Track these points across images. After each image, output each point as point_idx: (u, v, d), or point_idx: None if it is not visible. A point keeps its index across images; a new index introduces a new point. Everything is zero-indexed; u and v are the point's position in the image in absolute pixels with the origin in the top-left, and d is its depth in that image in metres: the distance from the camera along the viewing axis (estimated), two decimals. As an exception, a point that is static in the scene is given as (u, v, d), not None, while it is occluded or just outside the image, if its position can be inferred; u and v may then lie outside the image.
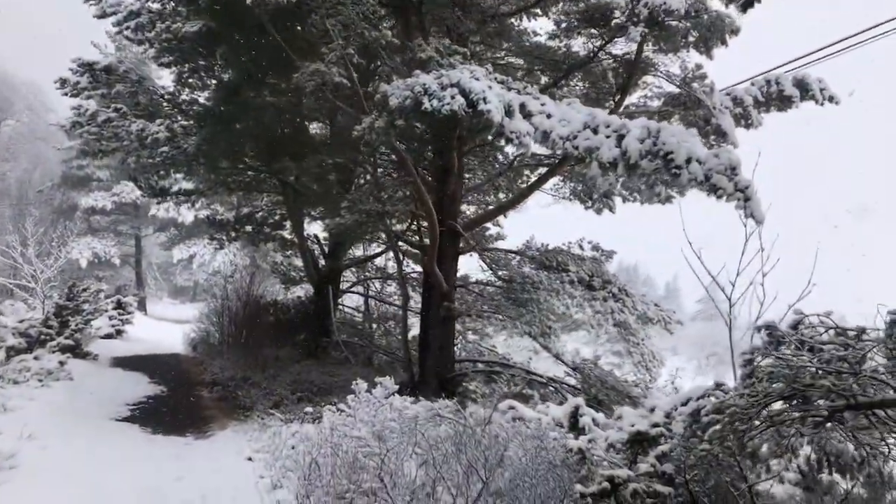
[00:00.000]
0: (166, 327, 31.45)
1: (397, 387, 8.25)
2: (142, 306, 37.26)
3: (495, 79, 11.04)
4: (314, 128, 20.59)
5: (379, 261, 23.36)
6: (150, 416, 12.63)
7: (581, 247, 14.57)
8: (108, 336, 23.93)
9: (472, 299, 16.45)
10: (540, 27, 16.16)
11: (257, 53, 13.88)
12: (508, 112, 10.42)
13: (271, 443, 9.39)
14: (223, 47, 14.77)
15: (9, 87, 44.13)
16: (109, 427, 11.35)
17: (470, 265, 16.96)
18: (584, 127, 10.79)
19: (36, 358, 16.05)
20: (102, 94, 17.57)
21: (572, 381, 14.89)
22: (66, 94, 17.54)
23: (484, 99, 10.03)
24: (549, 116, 11.07)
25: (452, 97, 10.00)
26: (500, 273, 14.27)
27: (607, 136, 10.57)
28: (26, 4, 69.14)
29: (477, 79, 10.44)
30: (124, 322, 25.75)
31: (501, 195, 19.52)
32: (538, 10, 14.86)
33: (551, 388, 14.98)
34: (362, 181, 19.66)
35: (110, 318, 25.17)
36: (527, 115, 10.95)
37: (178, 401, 14.38)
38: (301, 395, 13.75)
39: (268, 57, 13.54)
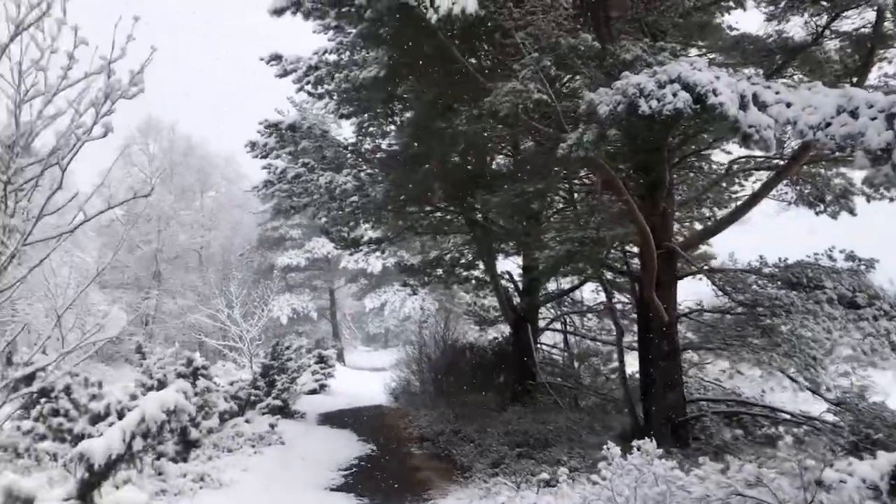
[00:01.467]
0: (364, 377, 31.57)
1: (660, 451, 6.70)
2: (340, 357, 37.98)
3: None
4: (498, 161, 19.66)
5: (577, 294, 21.80)
6: (364, 482, 11.83)
7: (831, 257, 12.23)
8: (313, 392, 24.04)
9: (696, 329, 14.49)
10: (735, 21, 14.23)
11: (441, 82, 13.05)
12: (743, 104, 8.71)
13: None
14: (404, 85, 14.17)
15: (208, 163, 47.44)
16: (325, 500, 10.60)
17: (685, 290, 15.03)
18: (839, 111, 8.81)
19: (247, 421, 15.96)
20: (290, 152, 17.72)
21: (830, 418, 12.48)
22: (255, 157, 17.88)
23: (713, 91, 8.42)
24: (788, 105, 9.22)
25: (674, 94, 8.48)
26: (738, 297, 12.22)
27: (872, 119, 8.55)
28: (207, 82, 75.24)
29: (699, 69, 8.84)
30: (327, 376, 25.88)
31: (706, 210, 17.49)
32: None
33: (805, 428, 12.63)
34: (552, 211, 18.43)
35: (313, 373, 25.37)
36: (761, 107, 9.18)
37: (390, 462, 13.56)
38: (520, 450, 12.44)
39: (452, 84, 12.65)
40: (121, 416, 11.83)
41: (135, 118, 43.94)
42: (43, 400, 11.95)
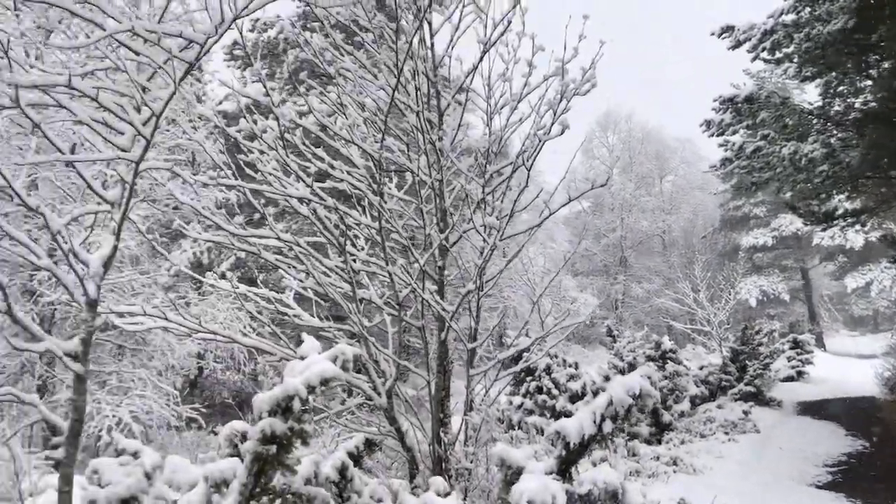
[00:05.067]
0: (849, 364, 28.28)
1: None
2: (818, 342, 34.71)
3: None
4: None
5: None
6: (856, 482, 10.56)
7: None
8: (788, 378, 22.39)
9: None
10: None
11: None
12: None
13: None
14: (880, 31, 12.31)
15: (665, 148, 47.68)
16: (806, 495, 9.74)
17: None
18: None
19: (719, 406, 15.55)
20: (747, 126, 16.79)
21: None
22: (711, 135, 17.36)
23: None
24: None
25: None
26: None
27: None
28: (659, 68, 74.94)
29: None
30: (804, 363, 23.87)
31: None
32: None
33: None
34: None
35: (788, 358, 23.64)
36: None
37: (890, 462, 11.87)
38: None
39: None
40: (595, 396, 12.53)
41: (595, 113, 46.27)
42: (528, 378, 13.29)
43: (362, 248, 7.90)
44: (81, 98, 4.81)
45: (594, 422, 4.50)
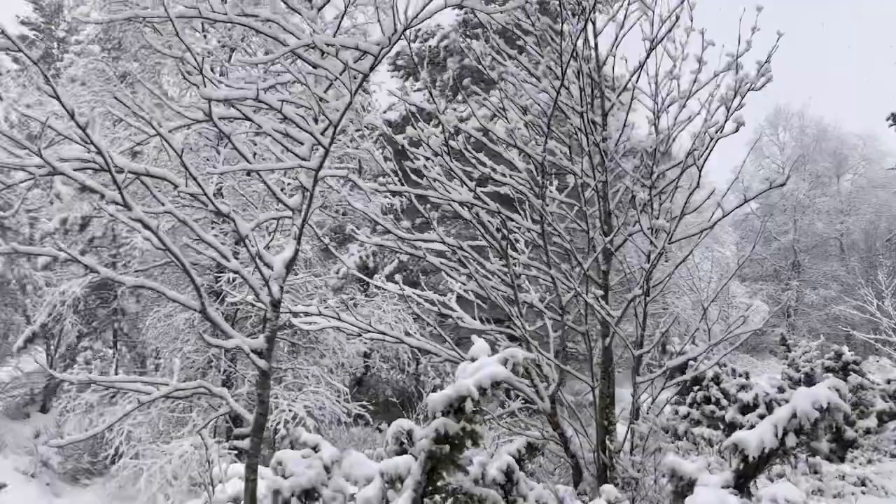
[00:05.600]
0: None
1: None
2: None
3: None
4: None
5: None
6: None
7: None
8: None
9: None
10: None
11: None
12: None
13: None
14: None
15: (844, 144, 44.21)
16: None
17: None
18: None
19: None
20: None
21: None
22: (901, 128, 15.92)
23: None
24: None
25: None
26: None
27: None
28: (835, 60, 69.62)
29: None
30: None
31: None
32: None
33: None
34: None
35: None
36: None
37: None
38: None
39: None
40: (769, 408, 11.80)
41: (763, 110, 43.73)
42: (695, 388, 12.73)
43: (523, 252, 7.89)
44: (264, 111, 5.15)
45: (776, 435, 4.23)
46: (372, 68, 4.21)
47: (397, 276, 7.78)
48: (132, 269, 13.41)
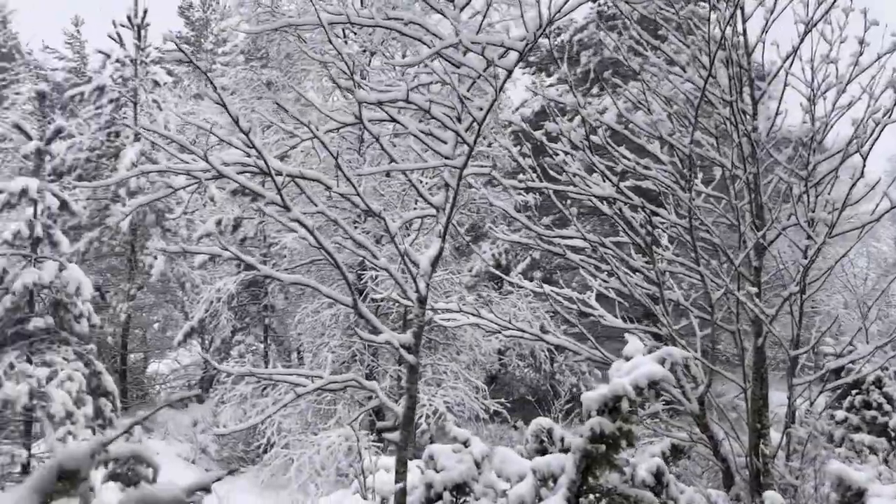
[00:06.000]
0: None
1: None
2: None
3: None
4: None
5: None
6: None
7: None
8: None
9: None
10: None
11: None
12: None
13: None
14: None
15: None
16: None
17: None
18: None
19: None
20: None
21: None
22: None
23: None
24: None
25: None
26: None
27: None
28: None
29: None
30: None
31: None
32: None
33: None
34: None
35: None
36: None
37: None
38: None
39: None
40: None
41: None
42: (854, 391, 11.91)
43: (667, 248, 7.64)
44: (404, 112, 5.25)
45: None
46: (517, 64, 4.20)
47: (537, 274, 7.74)
48: (281, 267, 14.10)
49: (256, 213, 13.75)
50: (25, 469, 10.48)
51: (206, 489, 2.58)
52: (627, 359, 3.31)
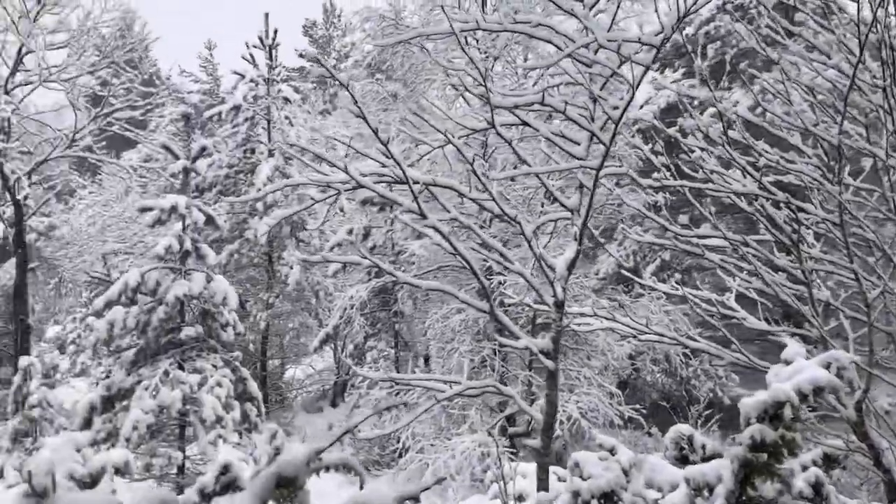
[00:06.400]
0: None
1: None
2: None
3: None
4: None
5: None
6: None
7: None
8: None
9: None
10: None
11: None
12: None
13: None
14: None
15: None
16: None
17: None
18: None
19: None
20: None
21: None
22: None
23: None
24: None
25: None
26: None
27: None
28: None
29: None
30: None
31: None
32: None
33: None
34: None
35: None
36: None
37: None
38: None
39: None
40: None
41: None
42: None
43: (813, 245, 7.19)
44: (537, 116, 5.22)
45: None
46: (654, 60, 4.09)
47: (668, 275, 7.49)
48: (410, 273, 14.38)
49: (385, 222, 14.07)
50: (181, 470, 11.17)
51: (416, 498, 2.66)
52: (787, 363, 3.13)
